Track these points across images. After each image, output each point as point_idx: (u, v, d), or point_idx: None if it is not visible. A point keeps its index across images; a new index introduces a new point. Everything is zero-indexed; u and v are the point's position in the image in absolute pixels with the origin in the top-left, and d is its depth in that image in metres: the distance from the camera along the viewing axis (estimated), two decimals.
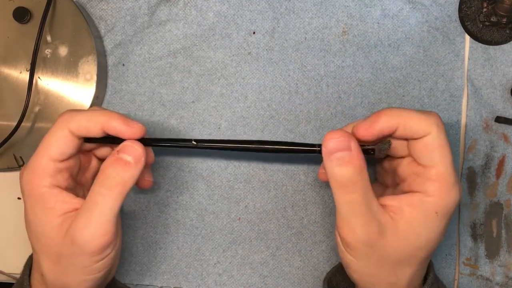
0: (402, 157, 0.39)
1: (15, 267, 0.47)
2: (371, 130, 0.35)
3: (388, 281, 0.36)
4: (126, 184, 0.35)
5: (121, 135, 0.37)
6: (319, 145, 0.36)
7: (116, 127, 0.36)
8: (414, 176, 0.36)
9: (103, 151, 0.40)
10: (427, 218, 0.34)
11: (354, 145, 0.34)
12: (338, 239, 0.36)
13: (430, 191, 0.34)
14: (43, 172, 0.36)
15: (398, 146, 0.37)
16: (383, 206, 0.35)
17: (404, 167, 0.37)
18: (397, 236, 0.34)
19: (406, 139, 0.36)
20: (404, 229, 0.34)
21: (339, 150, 0.34)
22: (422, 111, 0.35)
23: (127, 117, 0.37)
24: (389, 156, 0.38)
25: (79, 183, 0.40)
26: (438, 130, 0.34)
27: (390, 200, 0.35)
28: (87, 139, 0.38)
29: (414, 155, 0.35)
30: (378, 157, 0.36)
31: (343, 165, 0.34)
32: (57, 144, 0.36)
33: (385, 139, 0.36)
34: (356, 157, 0.34)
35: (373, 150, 0.36)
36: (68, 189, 0.37)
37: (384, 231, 0.34)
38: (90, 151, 0.40)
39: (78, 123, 0.36)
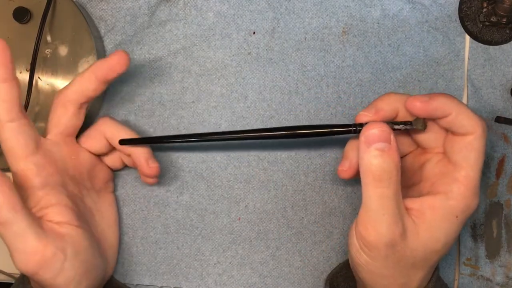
0: (406, 155, 0.39)
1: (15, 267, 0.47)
2: (427, 105, 0.34)
3: (400, 283, 0.35)
4: None
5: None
6: (355, 125, 0.35)
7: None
8: (440, 175, 0.35)
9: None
10: (448, 221, 0.34)
11: (393, 138, 0.33)
12: (354, 239, 0.35)
13: (454, 193, 0.34)
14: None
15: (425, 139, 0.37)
16: (405, 209, 0.34)
17: (433, 165, 0.36)
18: (417, 240, 0.34)
19: (448, 131, 0.35)
20: (424, 233, 0.34)
21: (380, 140, 0.33)
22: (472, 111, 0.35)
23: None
24: (420, 151, 0.38)
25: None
26: (482, 134, 0.34)
27: (412, 203, 0.35)
28: (123, 141, 0.41)
29: (449, 152, 0.35)
30: (418, 128, 0.35)
31: (382, 156, 0.32)
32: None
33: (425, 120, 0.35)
34: (395, 150, 0.33)
35: (410, 122, 0.35)
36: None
37: (406, 234, 0.34)
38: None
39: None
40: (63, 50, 0.44)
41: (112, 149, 0.42)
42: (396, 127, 0.35)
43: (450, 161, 0.35)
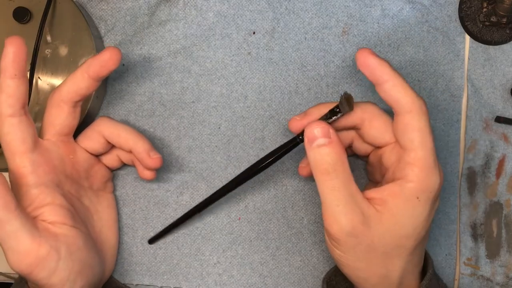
0: (368, 155, 0.40)
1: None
2: (372, 57, 0.35)
3: (379, 274, 0.36)
4: None
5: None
6: (298, 135, 0.38)
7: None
8: (396, 162, 0.36)
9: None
10: (409, 204, 0.34)
11: (332, 132, 0.35)
12: (326, 235, 0.36)
13: (409, 176, 0.34)
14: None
15: (379, 133, 0.38)
16: (368, 199, 0.35)
17: (388, 154, 0.37)
18: (382, 226, 0.35)
19: (389, 108, 0.36)
20: (388, 220, 0.35)
21: (320, 136, 0.35)
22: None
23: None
24: (377, 147, 0.39)
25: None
26: (420, 112, 0.35)
27: (373, 193, 0.35)
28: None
29: (397, 137, 0.36)
30: (345, 111, 0.36)
31: (323, 151, 0.35)
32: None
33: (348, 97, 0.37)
34: (336, 142, 0.35)
35: (337, 106, 0.36)
36: None
37: (368, 222, 0.34)
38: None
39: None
40: (63, 50, 0.44)
41: (109, 148, 0.42)
42: (327, 118, 0.37)
43: (400, 146, 0.36)
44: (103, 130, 0.41)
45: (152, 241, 0.45)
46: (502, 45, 0.44)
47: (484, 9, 0.44)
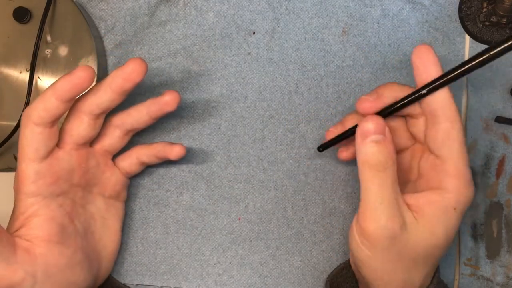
0: (404, 150, 0.39)
1: None
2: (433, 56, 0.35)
3: (402, 279, 0.36)
4: None
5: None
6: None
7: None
8: (431, 170, 0.36)
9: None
10: (446, 215, 0.34)
11: (388, 131, 0.34)
12: (355, 234, 0.36)
13: (449, 187, 0.34)
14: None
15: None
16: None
17: (425, 160, 0.37)
18: (417, 234, 0.34)
19: (429, 115, 0.36)
20: (424, 228, 0.34)
21: (376, 133, 0.34)
22: None
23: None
24: (417, 142, 0.38)
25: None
26: (460, 124, 0.35)
27: (410, 199, 0.35)
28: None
29: (433, 147, 0.35)
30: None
31: (377, 147, 0.34)
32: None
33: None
34: (389, 141, 0.34)
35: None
36: None
37: (406, 228, 0.34)
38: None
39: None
40: (63, 50, 0.44)
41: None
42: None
43: (437, 156, 0.35)
44: (140, 155, 0.42)
45: (322, 148, 0.41)
46: None
47: (484, 9, 0.44)
